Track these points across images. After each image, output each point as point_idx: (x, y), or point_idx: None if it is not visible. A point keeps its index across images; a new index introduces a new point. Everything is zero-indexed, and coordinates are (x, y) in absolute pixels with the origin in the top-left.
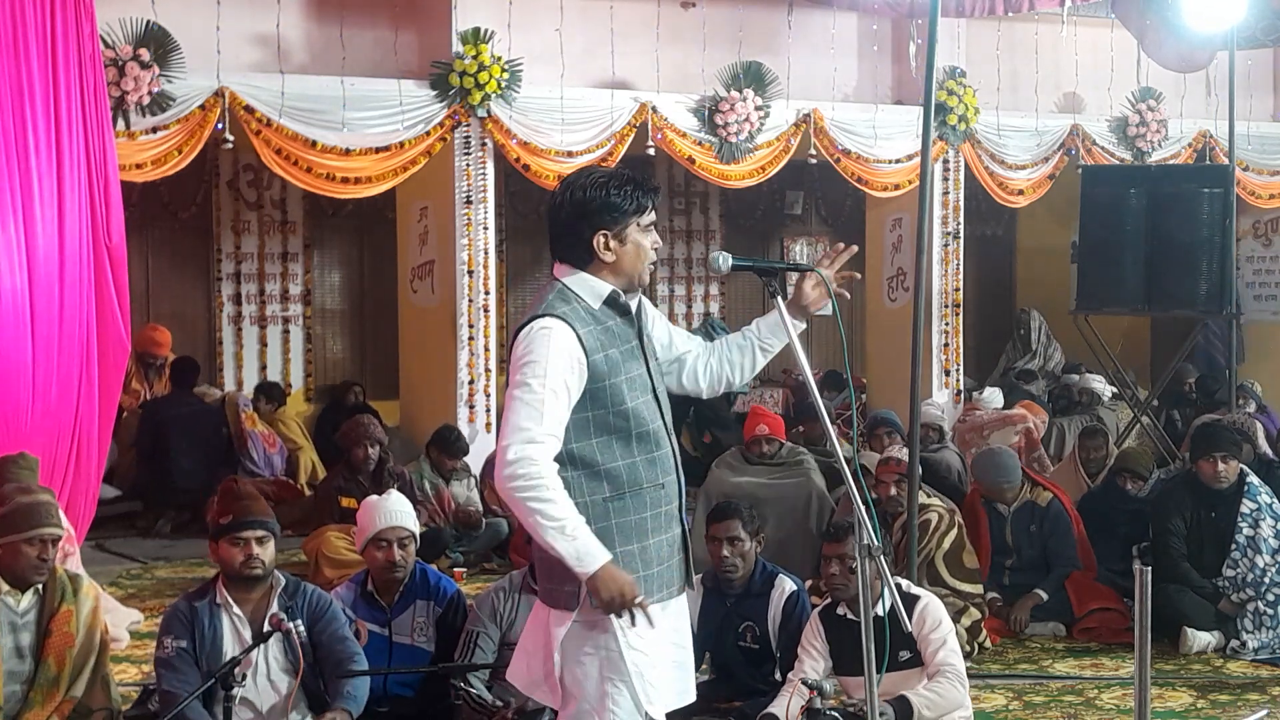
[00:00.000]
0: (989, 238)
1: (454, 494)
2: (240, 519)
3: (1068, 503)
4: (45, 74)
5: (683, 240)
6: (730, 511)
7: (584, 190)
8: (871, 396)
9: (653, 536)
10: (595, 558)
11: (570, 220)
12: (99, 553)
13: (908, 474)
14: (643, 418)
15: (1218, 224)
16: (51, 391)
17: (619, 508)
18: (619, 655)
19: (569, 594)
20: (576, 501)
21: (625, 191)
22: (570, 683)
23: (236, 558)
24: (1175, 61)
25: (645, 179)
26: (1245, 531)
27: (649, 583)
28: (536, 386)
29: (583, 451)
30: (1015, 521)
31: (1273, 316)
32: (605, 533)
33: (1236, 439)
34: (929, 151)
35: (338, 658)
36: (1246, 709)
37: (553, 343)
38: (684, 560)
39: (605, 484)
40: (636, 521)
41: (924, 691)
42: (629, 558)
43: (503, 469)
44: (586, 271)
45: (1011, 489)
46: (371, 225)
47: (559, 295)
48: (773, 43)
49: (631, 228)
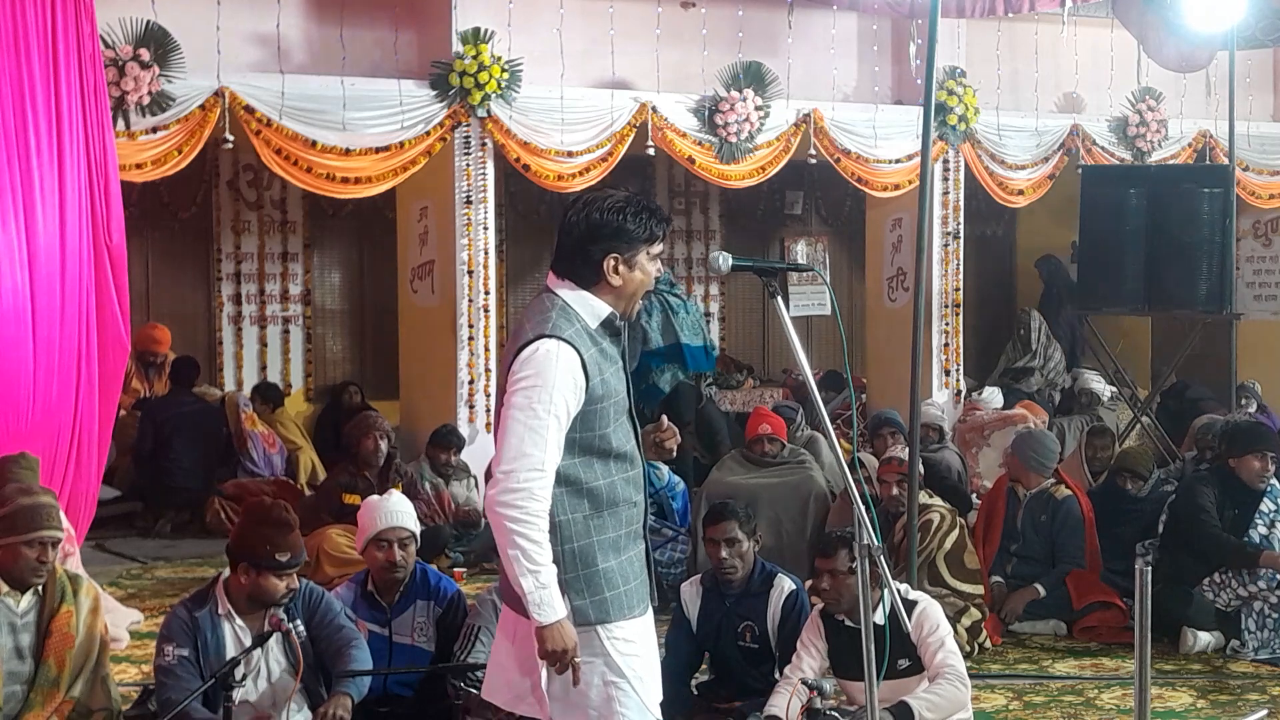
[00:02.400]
0: (989, 238)
1: (454, 494)
2: (296, 558)
3: (1086, 507)
4: (46, 74)
5: (683, 240)
6: (726, 513)
7: (601, 213)
8: (871, 396)
9: (625, 553)
10: (556, 610)
11: (583, 240)
12: (99, 553)
13: (908, 474)
14: (621, 438)
15: (1218, 224)
16: (52, 391)
17: (598, 525)
18: (616, 660)
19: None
20: (560, 519)
21: (641, 219)
22: (568, 693)
23: (280, 590)
24: (1175, 61)
25: (660, 209)
26: (1260, 529)
27: (628, 598)
28: (541, 412)
29: (568, 470)
30: (1029, 508)
31: (1273, 316)
32: (586, 550)
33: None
34: (929, 151)
35: (338, 645)
36: (1246, 709)
37: (559, 365)
38: (649, 577)
39: (586, 502)
40: (613, 539)
41: (924, 695)
42: (609, 574)
43: (500, 493)
44: (589, 291)
45: (1042, 472)
46: (371, 225)
47: (562, 313)
48: (773, 43)
49: (642, 255)
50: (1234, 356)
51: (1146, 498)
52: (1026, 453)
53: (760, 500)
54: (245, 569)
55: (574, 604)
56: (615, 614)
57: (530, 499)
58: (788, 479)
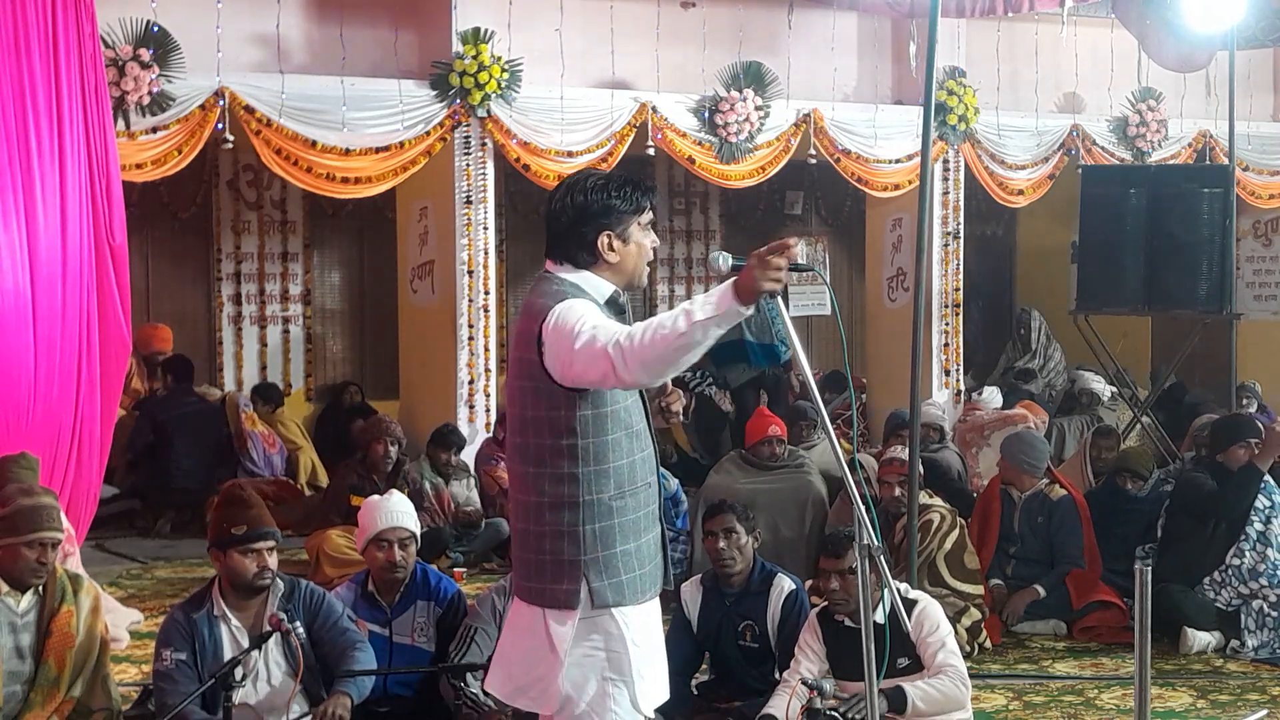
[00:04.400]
0: (989, 238)
1: (453, 494)
2: (255, 530)
3: (1082, 504)
4: (47, 74)
5: (683, 240)
6: (724, 507)
7: (584, 194)
8: (871, 396)
9: (644, 536)
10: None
11: (572, 223)
12: (99, 553)
13: (908, 474)
14: (634, 417)
15: (1218, 224)
16: (53, 391)
17: (620, 507)
18: (623, 654)
19: (568, 592)
20: (585, 499)
21: (625, 192)
22: (566, 684)
23: (250, 569)
24: (1175, 61)
25: (641, 179)
26: (1257, 525)
27: (642, 581)
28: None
29: (598, 448)
30: (1025, 510)
31: (1273, 316)
32: (608, 531)
33: (1258, 427)
34: (929, 151)
35: (341, 648)
36: (1246, 709)
37: (588, 306)
38: (663, 560)
39: (611, 482)
40: (633, 521)
41: (921, 684)
42: (627, 557)
43: (617, 359)
44: (589, 272)
45: (1034, 474)
46: (371, 225)
47: (573, 287)
48: (773, 43)
49: (633, 227)
50: (1234, 356)
51: (1146, 498)
52: (1017, 455)
53: (758, 503)
54: (215, 555)
55: (592, 585)
56: (630, 597)
57: (621, 336)
58: (786, 482)
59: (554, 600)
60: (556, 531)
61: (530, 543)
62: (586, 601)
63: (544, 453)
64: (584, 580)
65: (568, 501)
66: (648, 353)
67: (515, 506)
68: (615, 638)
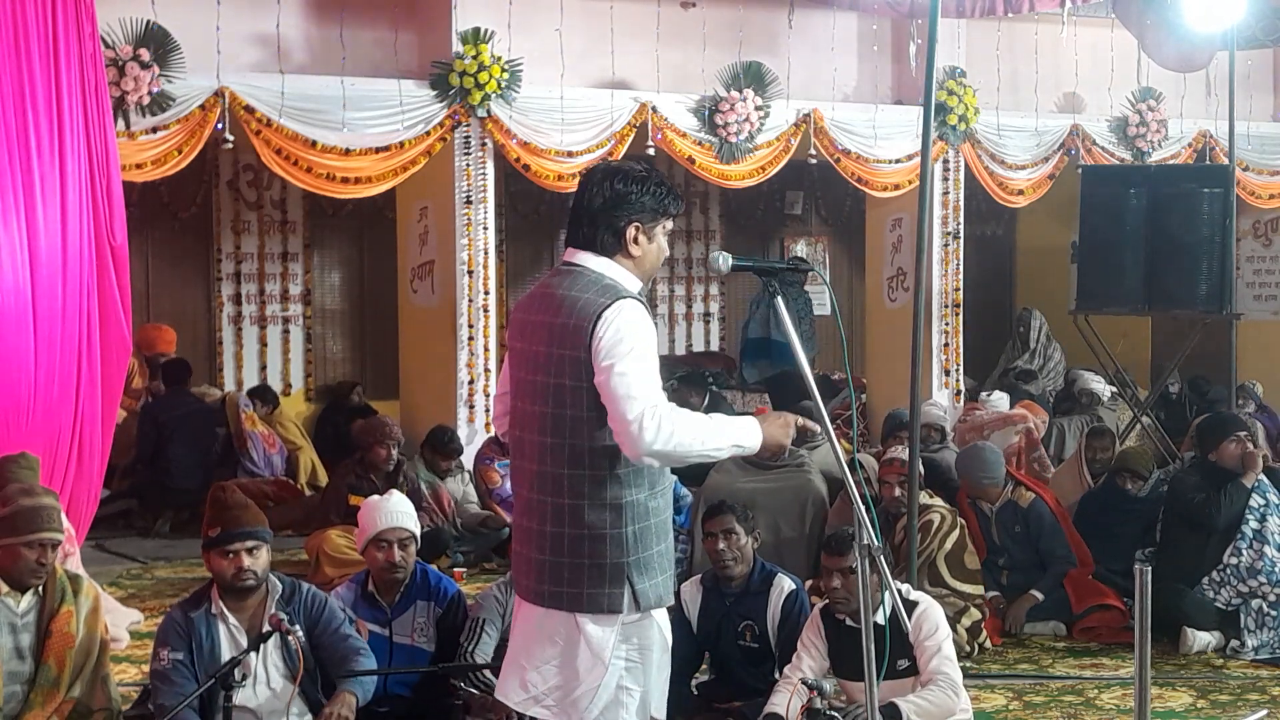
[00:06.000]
0: (989, 238)
1: (450, 491)
2: (229, 530)
3: (1051, 501)
4: (47, 73)
5: (683, 240)
6: (724, 507)
7: (625, 182)
8: (871, 397)
9: (668, 538)
10: (749, 431)
11: (605, 208)
12: (99, 553)
13: (908, 474)
14: None
15: (1218, 224)
16: (53, 391)
17: (654, 507)
18: (641, 663)
19: (612, 596)
20: (627, 499)
21: (660, 192)
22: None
23: (227, 570)
24: (1175, 61)
25: (675, 188)
26: (1253, 524)
27: (669, 583)
28: (642, 355)
29: None
30: (1000, 522)
31: (1273, 316)
32: (645, 531)
33: (1242, 421)
34: (929, 151)
35: (342, 654)
36: (1246, 709)
37: (645, 321)
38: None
39: (646, 482)
40: (662, 522)
41: (914, 699)
42: (661, 558)
43: (640, 438)
44: (613, 260)
45: (995, 486)
46: (371, 225)
47: (611, 283)
48: (773, 43)
49: (659, 228)
50: (1234, 356)
51: (1146, 498)
52: (974, 474)
53: (759, 503)
54: (205, 556)
55: (636, 588)
56: (664, 598)
57: (666, 421)
58: (787, 482)
59: (595, 605)
60: (598, 534)
61: (564, 546)
62: (631, 604)
63: (583, 454)
64: (628, 583)
65: (610, 503)
66: (670, 453)
67: (538, 509)
68: (650, 642)
